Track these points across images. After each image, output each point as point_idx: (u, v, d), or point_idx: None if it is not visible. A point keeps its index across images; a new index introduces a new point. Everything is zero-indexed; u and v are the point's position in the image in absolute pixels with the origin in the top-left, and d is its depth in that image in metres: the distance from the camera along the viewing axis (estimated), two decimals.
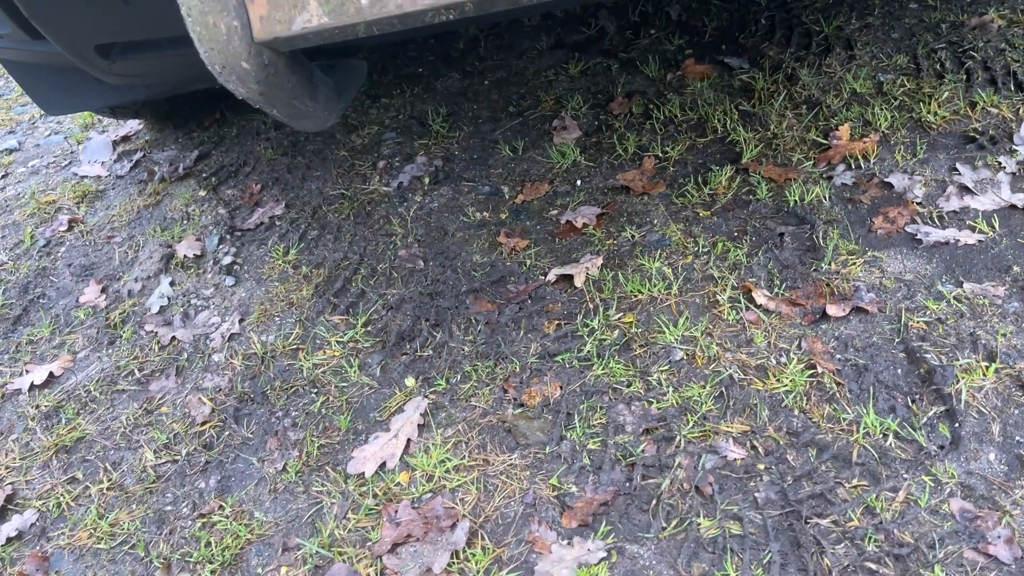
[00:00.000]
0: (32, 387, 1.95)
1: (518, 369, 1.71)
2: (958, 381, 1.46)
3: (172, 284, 2.16)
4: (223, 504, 1.60)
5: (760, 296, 1.70)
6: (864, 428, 1.43)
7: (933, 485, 1.33)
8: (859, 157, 1.96)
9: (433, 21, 1.26)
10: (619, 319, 1.75)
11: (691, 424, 1.51)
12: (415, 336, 1.84)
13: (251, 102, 1.36)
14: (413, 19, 1.24)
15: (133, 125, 2.88)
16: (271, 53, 1.28)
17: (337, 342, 1.87)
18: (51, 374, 1.97)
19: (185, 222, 2.37)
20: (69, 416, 1.87)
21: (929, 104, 2.04)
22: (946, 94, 2.06)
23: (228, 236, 2.27)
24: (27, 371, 2.00)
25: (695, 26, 2.60)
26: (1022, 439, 1.36)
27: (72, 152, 2.88)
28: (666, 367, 1.63)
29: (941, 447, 1.39)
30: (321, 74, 1.59)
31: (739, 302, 1.72)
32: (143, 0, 1.41)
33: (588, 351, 1.70)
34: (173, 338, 1.99)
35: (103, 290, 2.20)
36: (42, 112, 3.02)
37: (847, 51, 2.30)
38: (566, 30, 2.73)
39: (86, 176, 2.70)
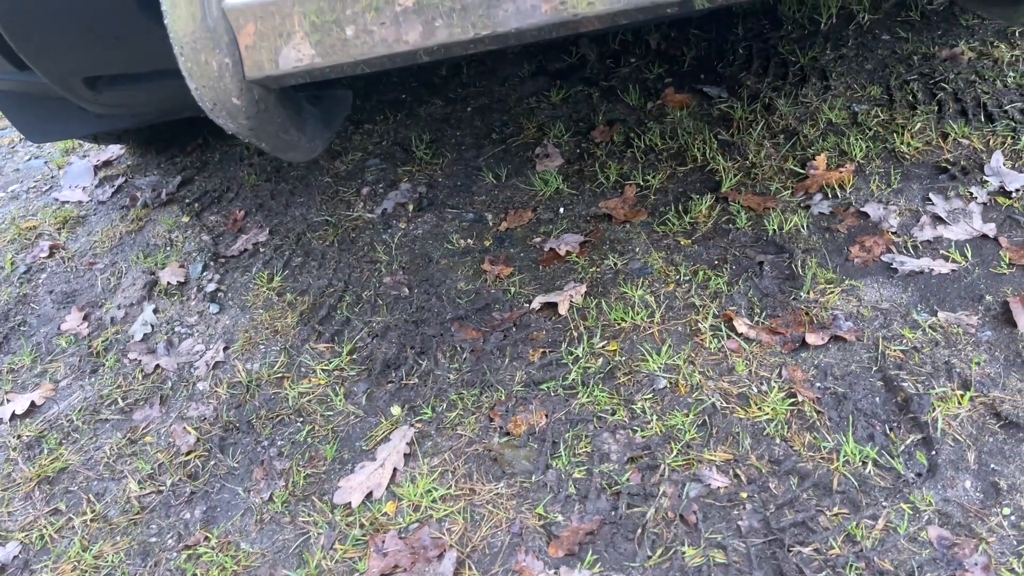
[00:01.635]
0: (13, 416, 1.94)
1: (503, 397, 1.72)
2: (934, 409, 1.49)
3: (156, 311, 2.15)
4: (209, 535, 1.60)
5: (741, 324, 1.74)
6: (844, 456, 1.46)
7: (912, 513, 1.36)
8: (836, 187, 2.01)
9: (421, 60, 1.28)
10: (603, 347, 1.78)
11: (675, 453, 1.53)
12: (400, 364, 1.86)
13: (240, 136, 1.37)
14: (403, 58, 1.27)
15: (114, 150, 2.87)
16: (261, 90, 1.30)
17: (322, 370, 1.88)
18: (33, 403, 1.95)
19: (168, 248, 2.37)
20: (51, 446, 1.86)
21: (902, 135, 2.09)
22: (919, 125, 2.12)
23: (212, 263, 2.27)
24: (8, 400, 1.98)
25: (674, 55, 2.64)
26: (997, 467, 1.40)
27: (53, 177, 2.87)
28: (650, 395, 1.65)
29: (919, 475, 1.42)
30: (308, 105, 1.61)
31: (720, 330, 1.75)
32: (133, 36, 1.42)
33: (573, 379, 1.72)
34: (157, 366, 1.99)
35: (85, 317, 2.20)
36: (22, 136, 3.01)
37: (822, 81, 2.36)
38: (548, 57, 2.76)
39: (67, 201, 2.69)
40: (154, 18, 1.29)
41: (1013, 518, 1.33)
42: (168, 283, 2.22)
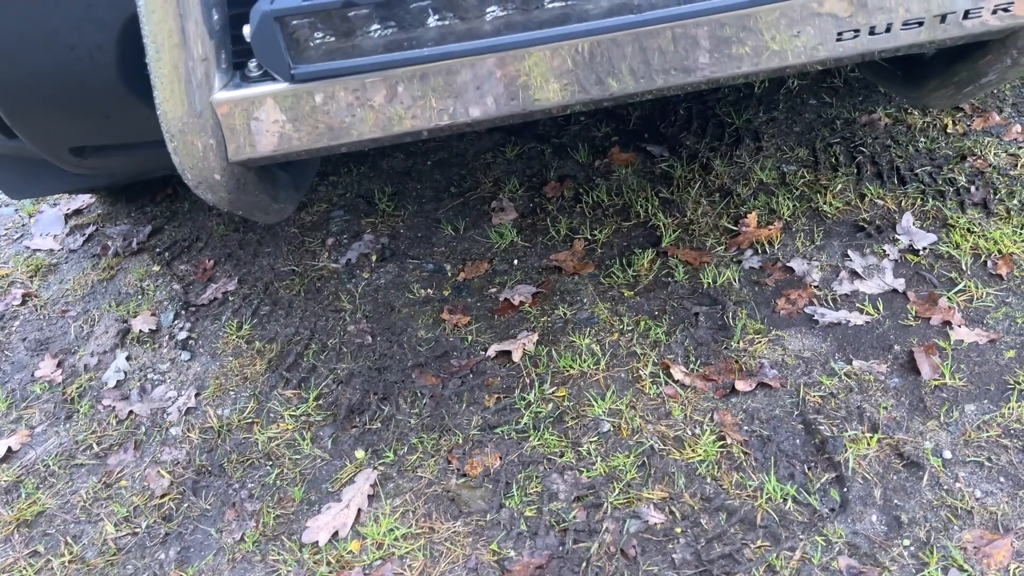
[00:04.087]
0: None
1: (461, 441, 1.86)
2: (846, 450, 1.67)
3: (128, 359, 2.25)
4: (183, 575, 1.70)
5: (677, 372, 1.90)
6: (767, 494, 1.63)
7: (825, 544, 1.53)
8: (765, 243, 2.20)
9: (404, 140, 1.44)
10: (553, 393, 1.93)
11: (617, 491, 1.69)
12: (364, 409, 1.98)
13: (219, 207, 1.51)
14: (375, 143, 1.42)
15: (85, 199, 2.97)
16: (241, 167, 1.44)
17: (290, 416, 2.00)
18: (9, 449, 2.04)
19: (140, 297, 2.47)
20: (29, 490, 1.94)
21: (825, 195, 2.30)
22: (839, 186, 2.33)
23: (183, 311, 2.38)
24: None
25: (620, 114, 2.84)
26: (899, 502, 1.58)
27: (24, 225, 2.95)
28: (595, 438, 1.81)
29: (832, 510, 1.59)
30: (281, 172, 1.75)
31: (659, 377, 1.91)
32: (122, 113, 1.55)
33: (525, 423, 1.87)
34: (131, 412, 2.09)
35: (59, 364, 2.29)
36: None
37: (755, 143, 2.57)
38: None
39: (39, 249, 2.78)
40: (142, 98, 1.43)
41: (912, 548, 1.51)
42: (140, 331, 2.33)
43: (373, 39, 1.27)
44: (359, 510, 1.75)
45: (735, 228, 2.26)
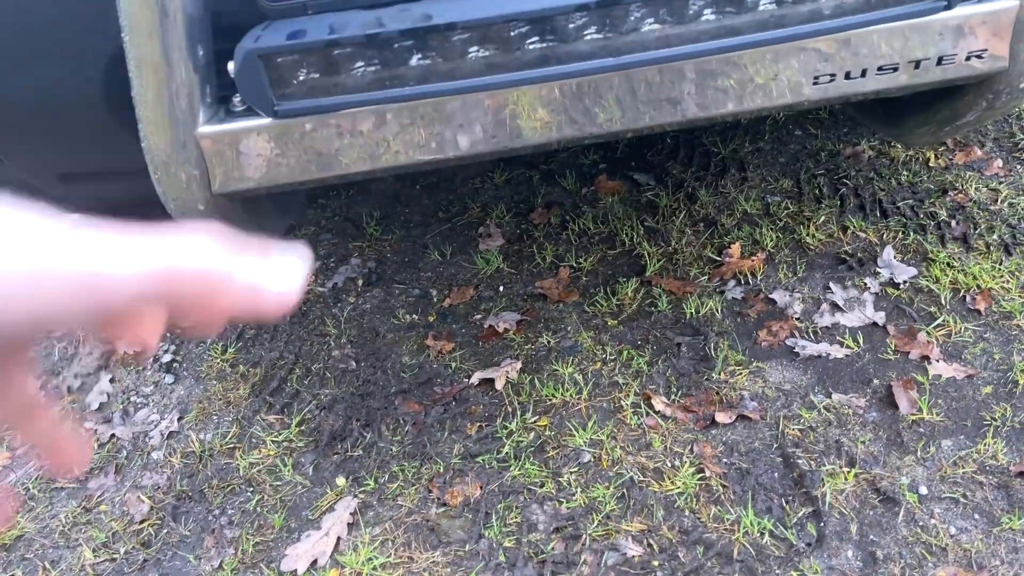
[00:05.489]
0: None
1: (442, 469, 1.87)
2: (824, 484, 1.68)
3: (112, 381, 2.25)
4: None
5: (659, 403, 1.91)
6: (744, 527, 1.64)
7: None
8: (748, 274, 2.22)
9: (391, 174, 1.46)
10: (535, 422, 1.94)
11: (596, 523, 1.69)
12: (346, 436, 1.99)
13: None
14: (362, 176, 1.44)
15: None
16: (226, 199, 1.45)
17: (272, 441, 2.00)
18: None
19: None
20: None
21: (808, 227, 2.32)
22: (823, 218, 2.35)
23: (168, 333, 2.38)
24: None
25: (608, 143, 2.86)
26: (875, 538, 1.59)
27: None
28: (575, 469, 1.81)
29: (808, 544, 1.60)
30: (267, 201, 1.76)
31: (641, 408, 1.92)
32: (109, 143, 1.56)
33: (506, 452, 1.87)
34: (112, 435, 2.09)
35: (42, 386, 2.28)
36: None
37: (740, 173, 2.59)
38: None
39: None
40: (129, 128, 1.44)
41: None
42: (124, 353, 2.33)
43: (356, 77, 1.28)
44: (338, 538, 1.76)
45: (719, 258, 2.28)
